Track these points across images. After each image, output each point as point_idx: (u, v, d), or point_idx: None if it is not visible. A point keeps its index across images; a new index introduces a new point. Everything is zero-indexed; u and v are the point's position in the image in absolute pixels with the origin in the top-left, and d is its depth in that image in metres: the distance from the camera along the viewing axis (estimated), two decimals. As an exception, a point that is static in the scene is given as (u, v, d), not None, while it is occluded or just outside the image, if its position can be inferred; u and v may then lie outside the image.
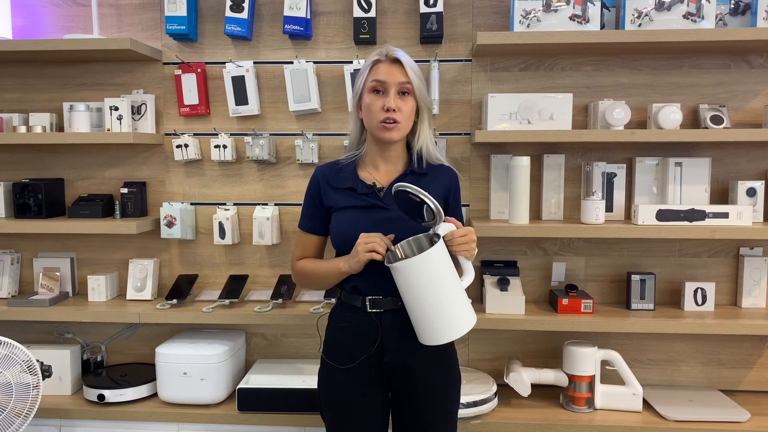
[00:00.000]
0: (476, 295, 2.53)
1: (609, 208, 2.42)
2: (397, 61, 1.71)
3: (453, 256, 1.64)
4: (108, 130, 2.45)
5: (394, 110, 1.68)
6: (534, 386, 2.33)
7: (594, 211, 2.28)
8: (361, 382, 1.77)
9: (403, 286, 1.60)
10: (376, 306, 1.74)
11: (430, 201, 1.56)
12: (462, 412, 2.19)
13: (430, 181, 1.76)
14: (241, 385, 2.32)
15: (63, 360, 2.47)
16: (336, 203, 1.78)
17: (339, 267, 1.73)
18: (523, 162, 2.29)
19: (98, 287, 2.55)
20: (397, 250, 1.66)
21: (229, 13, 2.43)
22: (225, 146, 2.49)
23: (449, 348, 1.81)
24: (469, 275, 1.65)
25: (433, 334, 1.62)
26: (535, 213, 2.46)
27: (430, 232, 1.63)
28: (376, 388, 1.78)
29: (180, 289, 2.52)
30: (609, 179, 2.41)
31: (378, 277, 1.69)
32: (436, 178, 1.77)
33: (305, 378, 2.33)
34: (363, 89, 1.74)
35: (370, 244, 1.63)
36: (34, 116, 2.52)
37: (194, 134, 2.55)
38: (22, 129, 2.43)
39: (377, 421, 1.80)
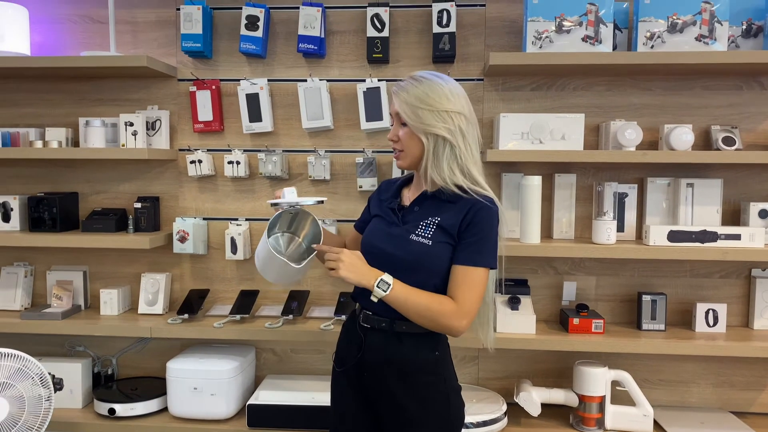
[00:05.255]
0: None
1: (620, 228, 2.42)
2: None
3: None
4: (123, 145, 2.48)
5: (394, 140, 1.74)
6: (544, 406, 2.33)
7: (605, 231, 2.28)
8: (351, 389, 1.80)
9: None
10: (365, 320, 1.76)
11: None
12: (472, 432, 2.18)
13: (446, 207, 1.69)
14: (251, 401, 2.32)
15: (74, 373, 2.49)
16: (374, 210, 1.87)
17: None
18: (535, 181, 2.30)
19: (110, 301, 2.56)
20: (282, 203, 1.78)
21: (244, 32, 2.46)
22: (238, 162, 2.51)
23: (431, 386, 1.71)
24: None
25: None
26: (546, 232, 2.47)
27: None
28: (362, 401, 1.79)
29: (191, 304, 2.53)
30: (620, 199, 2.42)
31: (371, 294, 1.68)
32: (453, 207, 1.68)
33: (315, 395, 2.33)
34: None
35: (334, 261, 1.67)
36: (50, 131, 2.55)
37: (208, 150, 2.57)
38: (39, 144, 2.46)
39: None
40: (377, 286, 1.64)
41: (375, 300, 1.66)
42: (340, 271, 1.65)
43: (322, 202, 1.81)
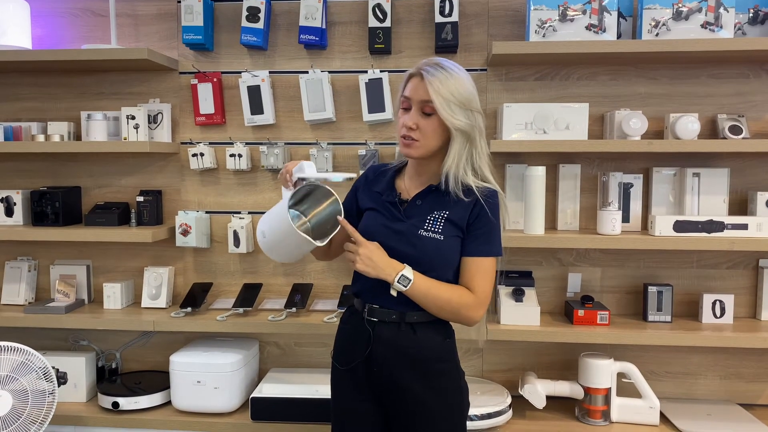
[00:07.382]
0: (490, 305, 2.51)
1: (625, 218, 2.40)
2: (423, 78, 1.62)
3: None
4: (125, 138, 2.47)
5: (412, 128, 1.63)
6: (549, 398, 2.31)
7: (610, 221, 2.26)
8: (357, 387, 1.76)
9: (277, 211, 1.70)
10: (372, 314, 1.72)
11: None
12: (476, 424, 2.17)
13: (452, 200, 1.67)
14: (255, 394, 2.32)
15: (78, 367, 2.49)
16: (364, 203, 1.80)
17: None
18: (539, 172, 2.28)
19: (114, 295, 2.56)
20: (310, 178, 1.69)
21: (245, 23, 2.44)
22: (240, 155, 2.50)
23: (446, 374, 1.71)
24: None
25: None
26: (551, 223, 2.44)
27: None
28: (370, 398, 1.76)
29: (194, 298, 2.52)
30: (625, 189, 2.39)
31: (377, 286, 1.67)
32: (459, 200, 1.67)
33: (318, 387, 2.32)
34: (400, 101, 1.71)
35: (352, 254, 1.67)
36: (52, 125, 2.55)
37: (210, 143, 2.56)
38: (41, 137, 2.45)
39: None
40: (398, 281, 1.62)
41: (394, 294, 1.65)
42: (357, 264, 1.64)
43: (351, 178, 1.75)
